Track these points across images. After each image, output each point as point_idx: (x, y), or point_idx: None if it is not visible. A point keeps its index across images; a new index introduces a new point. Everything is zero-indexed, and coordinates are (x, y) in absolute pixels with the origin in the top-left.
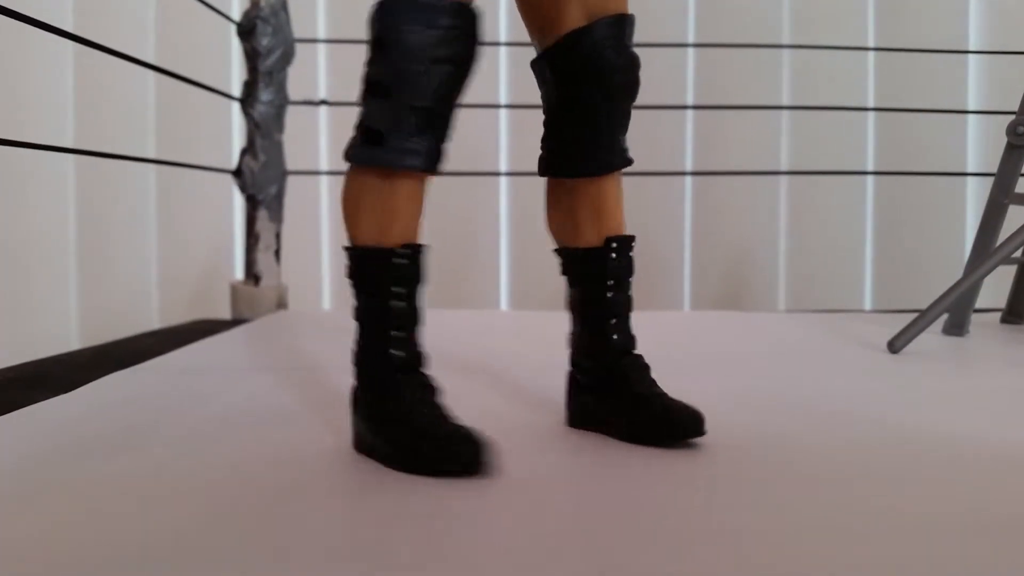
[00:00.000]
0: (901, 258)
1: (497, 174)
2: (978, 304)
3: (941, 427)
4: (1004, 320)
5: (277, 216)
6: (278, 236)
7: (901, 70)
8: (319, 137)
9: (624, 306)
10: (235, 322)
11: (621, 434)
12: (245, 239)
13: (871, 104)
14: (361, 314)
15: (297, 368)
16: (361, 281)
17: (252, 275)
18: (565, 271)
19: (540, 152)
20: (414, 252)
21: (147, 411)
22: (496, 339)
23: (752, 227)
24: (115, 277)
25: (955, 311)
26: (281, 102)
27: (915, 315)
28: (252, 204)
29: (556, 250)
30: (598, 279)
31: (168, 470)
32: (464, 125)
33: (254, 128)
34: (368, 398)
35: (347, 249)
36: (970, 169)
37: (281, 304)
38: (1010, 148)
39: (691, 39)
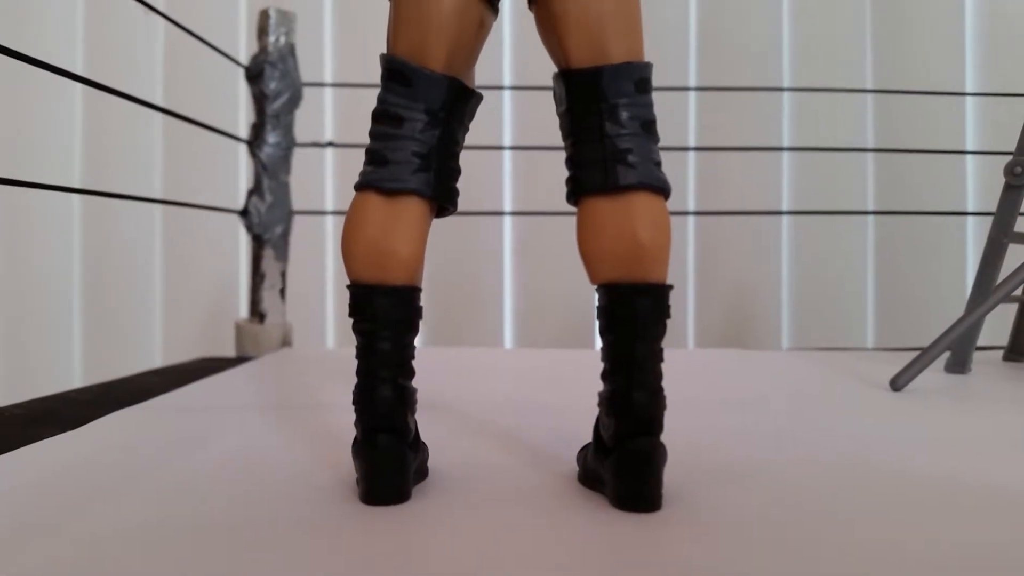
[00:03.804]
0: (903, 296)
1: (501, 213)
2: (981, 341)
3: (941, 467)
4: (1006, 358)
5: (283, 255)
6: (283, 275)
7: (900, 111)
8: (325, 178)
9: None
10: (239, 360)
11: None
12: (251, 278)
13: (871, 145)
14: (357, 355)
15: (300, 406)
16: (354, 318)
17: (257, 313)
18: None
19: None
20: (407, 292)
21: (150, 450)
22: (505, 378)
23: (755, 266)
24: (119, 315)
25: (957, 349)
26: (288, 144)
27: (917, 352)
28: (258, 243)
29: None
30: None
31: (171, 511)
32: (468, 165)
33: (261, 169)
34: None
35: (348, 287)
36: (970, 208)
37: (286, 342)
38: (1008, 188)
39: (692, 83)
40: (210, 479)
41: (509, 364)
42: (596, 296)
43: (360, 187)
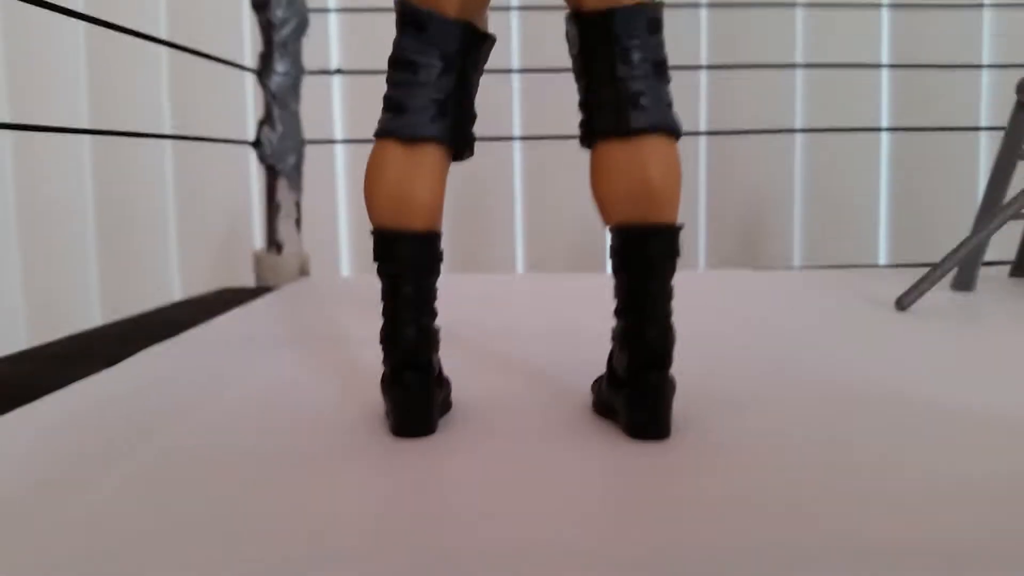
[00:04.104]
0: (916, 212)
1: (511, 138)
2: (989, 257)
3: (939, 390)
4: (1013, 274)
5: (296, 185)
6: (298, 205)
7: (915, 26)
8: (333, 106)
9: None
10: (259, 290)
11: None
12: (266, 209)
13: (885, 61)
14: (383, 298)
15: (325, 338)
16: (378, 263)
17: (274, 243)
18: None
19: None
20: (429, 237)
21: (187, 384)
22: (518, 305)
23: (767, 183)
24: (134, 249)
25: (963, 267)
26: (297, 73)
27: (926, 270)
28: (272, 174)
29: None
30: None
31: (214, 440)
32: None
33: (271, 99)
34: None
35: (372, 232)
36: (983, 124)
37: (303, 271)
38: (1019, 106)
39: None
40: (248, 412)
41: (522, 290)
42: (608, 236)
43: (379, 135)
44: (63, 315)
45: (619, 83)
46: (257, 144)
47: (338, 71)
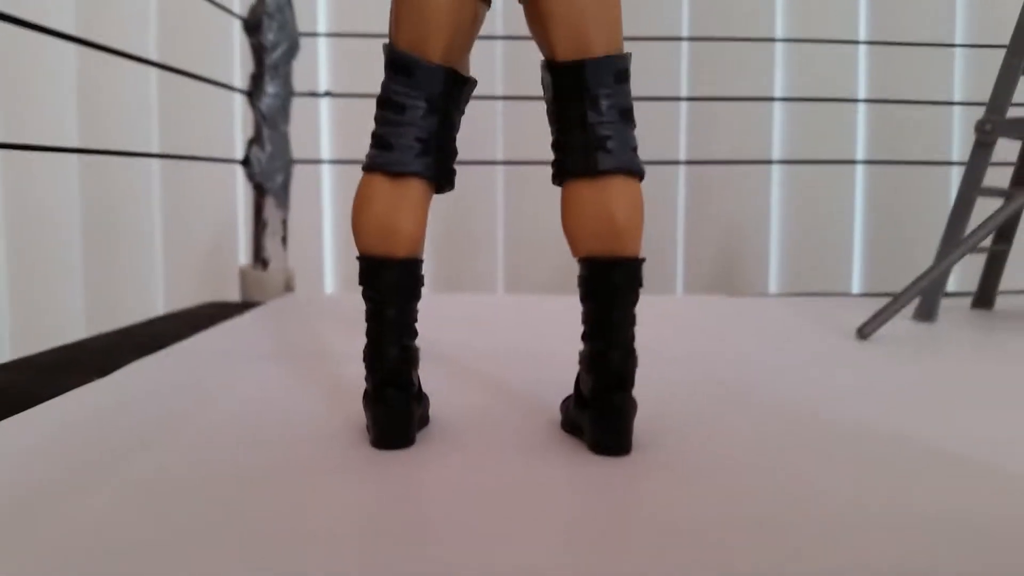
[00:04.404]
0: (889, 243)
1: (494, 163)
2: (955, 288)
3: (891, 418)
4: (975, 305)
5: (284, 204)
6: (284, 223)
7: (891, 63)
8: (321, 127)
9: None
10: (245, 305)
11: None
12: (253, 226)
13: (862, 96)
14: (367, 320)
15: (310, 354)
16: (363, 287)
17: (260, 260)
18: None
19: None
20: (411, 264)
21: (176, 397)
22: (496, 327)
23: (745, 213)
24: (120, 263)
25: (925, 298)
26: (286, 94)
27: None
28: (260, 192)
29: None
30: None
31: (202, 456)
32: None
33: (261, 119)
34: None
35: (358, 259)
36: (955, 158)
37: (288, 287)
38: (978, 145)
39: (685, 33)
40: (237, 424)
41: (500, 312)
42: (578, 267)
43: (367, 169)
44: (48, 327)
45: (588, 128)
46: (246, 163)
47: (327, 93)
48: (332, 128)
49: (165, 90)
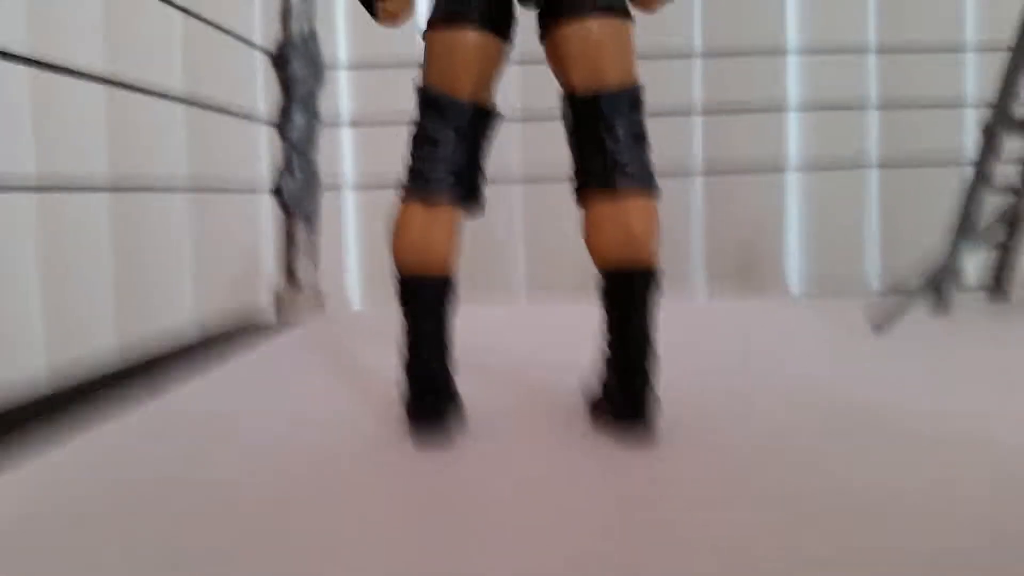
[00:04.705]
0: (906, 242)
1: (511, 182)
2: (973, 283)
3: (905, 410)
4: (991, 299)
5: (314, 228)
6: (315, 246)
7: (902, 68)
8: (343, 152)
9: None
10: (279, 325)
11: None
12: (286, 249)
13: (873, 101)
14: (404, 334)
15: (350, 370)
16: (401, 303)
17: (293, 281)
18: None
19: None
20: (446, 280)
21: (241, 413)
22: (520, 338)
23: (764, 217)
24: (149, 288)
25: (939, 292)
26: (314, 123)
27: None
28: (291, 218)
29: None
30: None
31: (265, 465)
32: None
33: (291, 149)
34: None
35: (397, 279)
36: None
37: (320, 307)
38: (984, 143)
39: (699, 48)
40: (290, 439)
41: (524, 322)
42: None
43: (404, 199)
44: (80, 351)
45: (607, 154)
46: (277, 191)
47: (354, 123)
48: (354, 154)
49: (192, 122)
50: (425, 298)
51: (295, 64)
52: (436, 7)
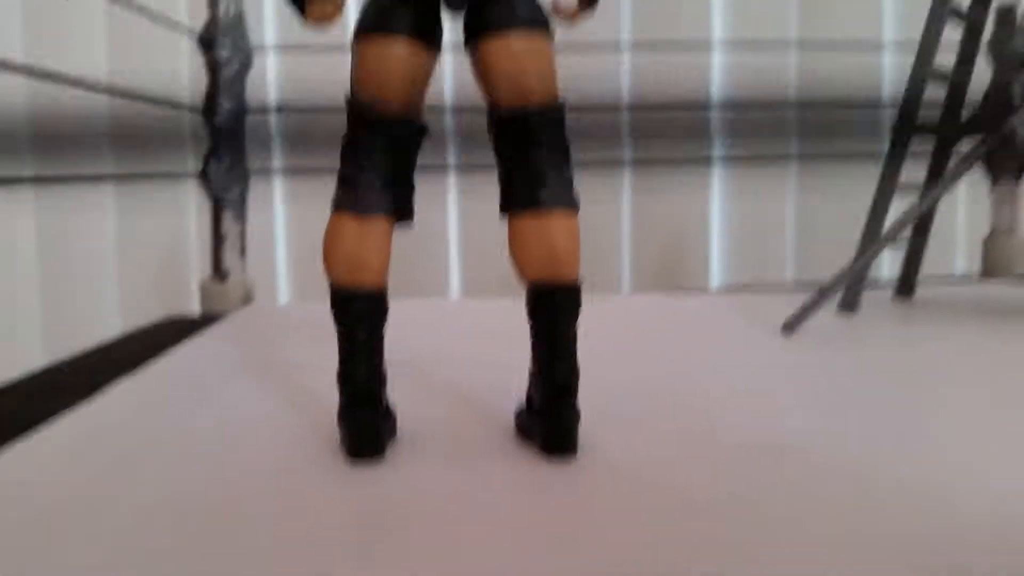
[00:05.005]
0: (821, 235)
1: (446, 166)
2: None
3: (803, 423)
4: (896, 295)
5: (241, 216)
6: (242, 235)
7: (821, 64)
8: (271, 139)
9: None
10: (205, 318)
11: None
12: (212, 239)
13: (793, 96)
14: (338, 345)
15: (280, 366)
16: (335, 315)
17: (219, 272)
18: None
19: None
20: (378, 293)
21: (162, 418)
22: (452, 333)
23: (687, 211)
24: (75, 283)
25: (848, 289)
26: (241, 109)
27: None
28: (218, 205)
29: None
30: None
31: (192, 474)
32: None
33: (216, 134)
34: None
35: (330, 289)
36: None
37: (248, 299)
38: (892, 146)
39: (626, 37)
40: (218, 443)
41: (455, 318)
42: (524, 291)
43: (336, 208)
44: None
45: (531, 171)
46: (204, 176)
47: (279, 109)
48: (283, 141)
49: (114, 110)
50: (357, 310)
51: (221, 47)
52: (364, 16)
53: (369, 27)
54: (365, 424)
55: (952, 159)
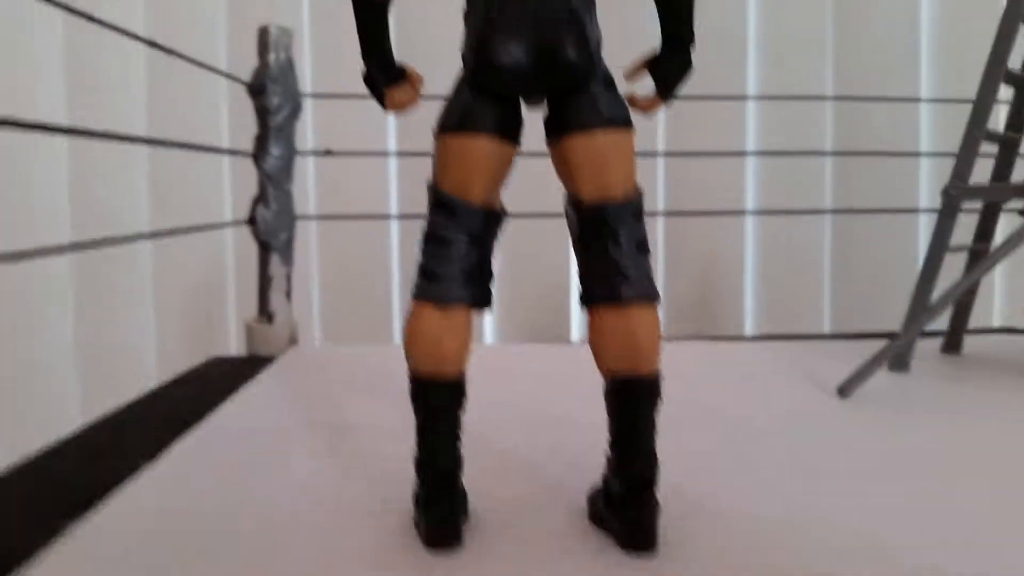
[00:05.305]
0: (857, 286)
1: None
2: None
3: (893, 507)
4: (944, 350)
5: (288, 259)
6: (288, 278)
7: (857, 116)
8: (307, 183)
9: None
10: (251, 359)
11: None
12: (259, 281)
13: (829, 148)
14: (417, 430)
15: (340, 425)
16: (414, 402)
17: (266, 313)
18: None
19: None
20: (458, 382)
21: (230, 480)
22: (496, 382)
23: (722, 258)
24: (112, 322)
25: (900, 349)
26: (290, 154)
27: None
28: (265, 249)
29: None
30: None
31: (266, 543)
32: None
33: (266, 179)
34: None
35: (409, 377)
36: (922, 205)
37: (293, 340)
38: (944, 209)
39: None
40: (288, 522)
41: (496, 364)
42: (603, 381)
43: (417, 298)
44: (46, 389)
45: (611, 261)
46: (252, 222)
47: (327, 152)
48: (318, 185)
49: (156, 159)
50: (438, 400)
51: (272, 94)
52: (448, 113)
53: (453, 124)
54: (445, 516)
55: (1000, 217)
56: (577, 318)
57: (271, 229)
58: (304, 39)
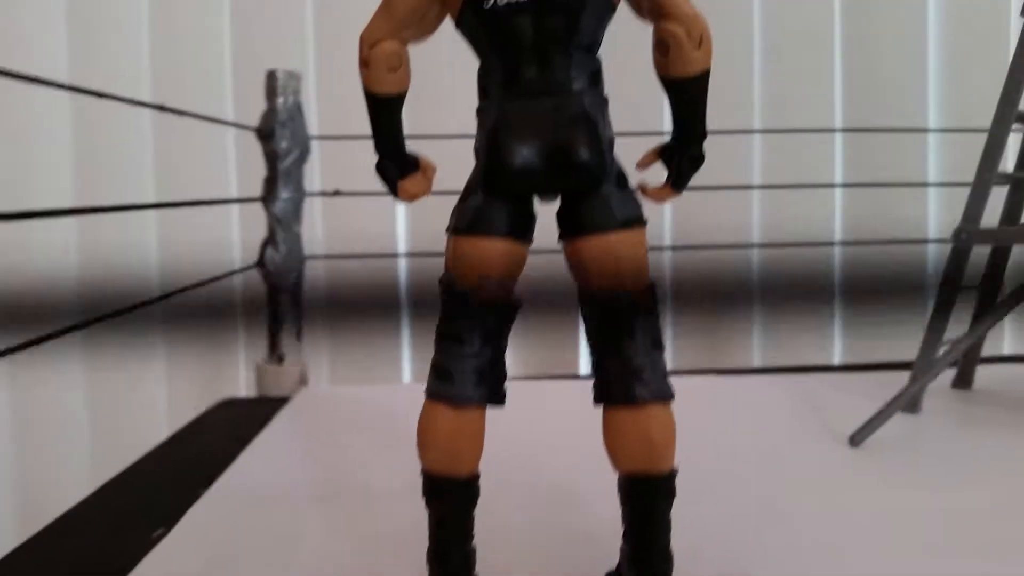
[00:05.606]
0: (867, 318)
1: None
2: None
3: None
4: (955, 385)
5: (298, 301)
6: (299, 319)
7: (865, 149)
8: (315, 222)
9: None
10: (263, 400)
11: None
12: (268, 323)
13: (838, 179)
14: (429, 526)
15: (359, 491)
16: (427, 498)
17: (276, 355)
18: None
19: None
20: (471, 481)
21: (251, 553)
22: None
23: (728, 289)
24: (122, 376)
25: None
26: (299, 197)
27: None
28: (274, 291)
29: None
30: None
31: None
32: None
33: (275, 223)
34: None
35: (422, 475)
36: (931, 235)
37: (303, 380)
38: (955, 251)
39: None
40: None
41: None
42: (617, 478)
43: (430, 397)
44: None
45: (625, 360)
46: (260, 265)
47: (336, 192)
48: (324, 224)
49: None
50: (451, 499)
51: (280, 138)
52: (461, 215)
53: (465, 229)
54: None
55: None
56: (584, 353)
57: (280, 271)
58: (310, 81)
